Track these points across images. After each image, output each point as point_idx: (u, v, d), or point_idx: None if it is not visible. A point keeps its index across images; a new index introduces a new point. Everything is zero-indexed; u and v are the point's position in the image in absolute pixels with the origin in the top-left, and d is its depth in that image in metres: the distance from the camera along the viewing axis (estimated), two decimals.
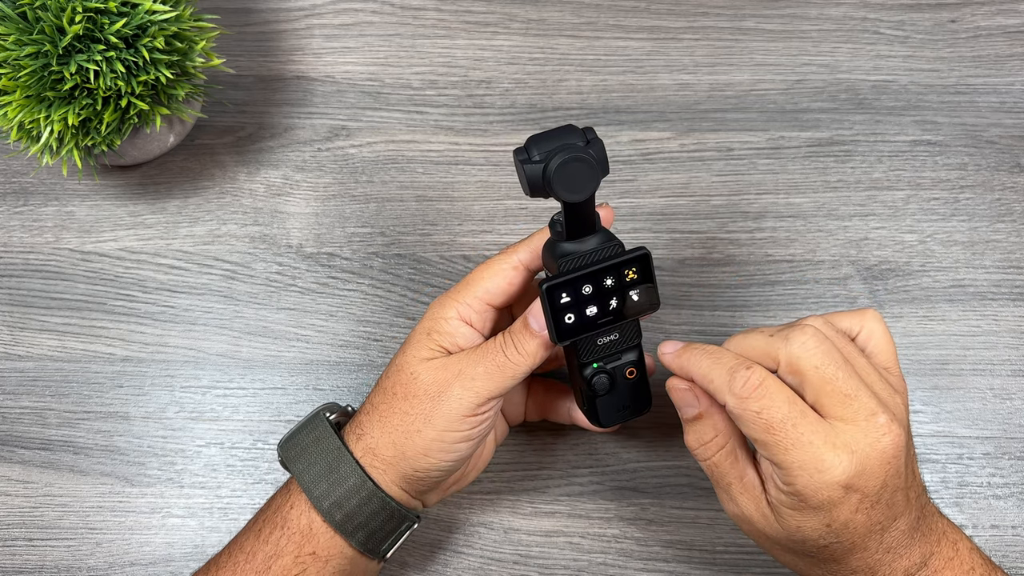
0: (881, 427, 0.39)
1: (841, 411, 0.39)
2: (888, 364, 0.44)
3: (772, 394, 0.39)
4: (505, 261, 0.45)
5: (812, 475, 0.38)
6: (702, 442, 0.43)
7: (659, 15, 0.66)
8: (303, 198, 0.62)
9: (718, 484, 0.44)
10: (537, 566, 0.53)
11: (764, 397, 0.39)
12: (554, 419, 0.53)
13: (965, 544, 0.43)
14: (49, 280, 0.60)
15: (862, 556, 0.40)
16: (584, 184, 0.41)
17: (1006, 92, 0.64)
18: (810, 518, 0.39)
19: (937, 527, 0.43)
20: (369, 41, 0.66)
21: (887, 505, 0.40)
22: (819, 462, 0.38)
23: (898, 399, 0.41)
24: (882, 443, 0.39)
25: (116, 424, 0.56)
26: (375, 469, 0.45)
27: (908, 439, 0.41)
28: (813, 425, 0.39)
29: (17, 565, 0.54)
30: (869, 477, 0.39)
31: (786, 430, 0.39)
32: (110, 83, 0.51)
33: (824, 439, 0.38)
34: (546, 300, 0.42)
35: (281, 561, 0.44)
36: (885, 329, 0.44)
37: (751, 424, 0.39)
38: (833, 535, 0.40)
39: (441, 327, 0.45)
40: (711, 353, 0.42)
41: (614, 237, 0.43)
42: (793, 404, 0.39)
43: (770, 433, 0.39)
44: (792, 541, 0.41)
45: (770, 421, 0.39)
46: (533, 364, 0.44)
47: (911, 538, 0.41)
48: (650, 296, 0.44)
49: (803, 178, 0.62)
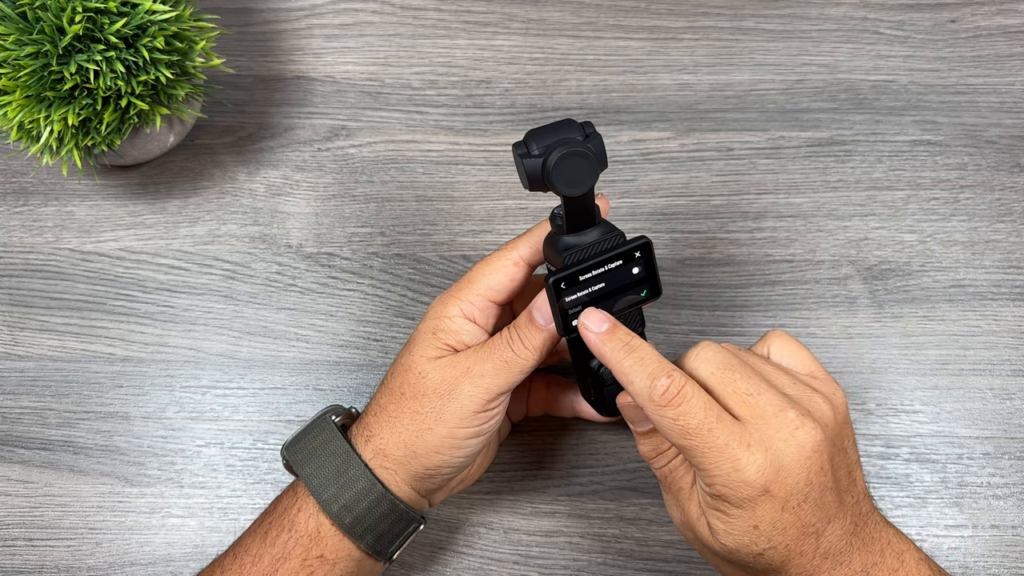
0: (792, 421, 0.39)
1: (746, 410, 0.40)
2: (811, 370, 0.44)
3: (689, 400, 0.39)
4: (506, 257, 0.45)
5: (729, 474, 0.39)
6: (659, 451, 0.44)
7: (659, 15, 0.66)
8: (303, 198, 0.62)
9: (669, 490, 0.44)
10: (537, 566, 0.53)
11: (681, 404, 0.39)
12: (557, 413, 0.53)
13: (912, 555, 0.42)
14: (49, 280, 0.60)
15: (799, 563, 0.40)
16: (583, 178, 0.41)
17: (1006, 92, 0.64)
18: (736, 521, 0.39)
19: (881, 537, 0.42)
20: (369, 41, 0.66)
21: (816, 504, 0.39)
22: (735, 461, 0.38)
23: (817, 398, 0.41)
24: (796, 437, 0.39)
25: (116, 424, 0.56)
26: (385, 470, 0.45)
27: (840, 439, 0.41)
28: (728, 427, 0.39)
29: (17, 565, 0.53)
30: (789, 473, 0.39)
31: (702, 435, 0.39)
32: (110, 83, 0.51)
33: (739, 440, 0.39)
34: (553, 294, 0.42)
35: (288, 564, 0.44)
36: (793, 341, 0.45)
37: (668, 430, 0.40)
38: (765, 539, 0.39)
39: (446, 325, 0.45)
40: (633, 349, 0.41)
41: (615, 228, 0.44)
42: (709, 410, 0.39)
43: (687, 438, 0.39)
44: (727, 551, 0.41)
45: (686, 427, 0.39)
46: (540, 358, 0.44)
47: (850, 544, 0.41)
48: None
49: (803, 178, 0.62)
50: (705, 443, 0.39)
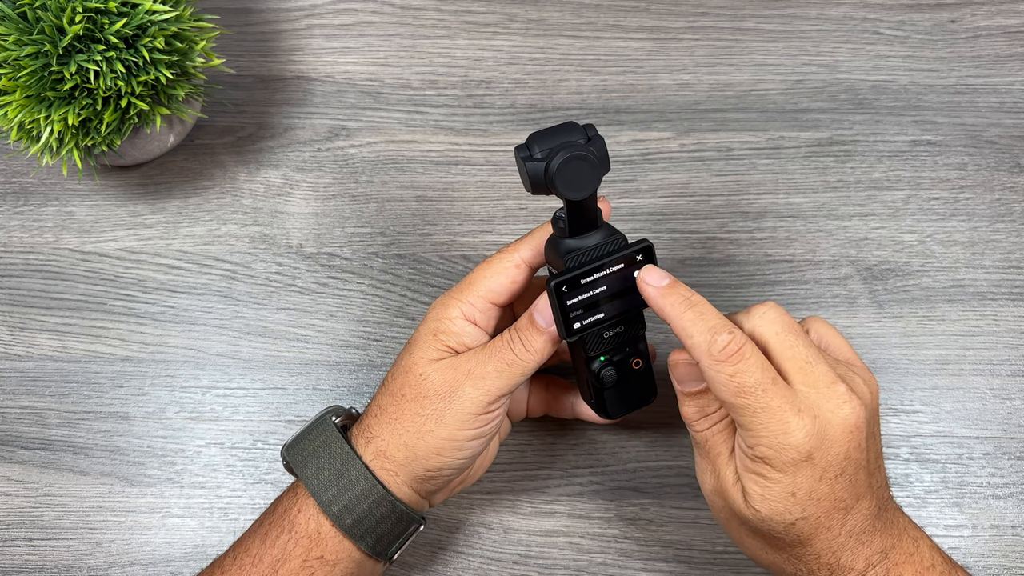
0: (841, 395, 0.40)
1: (802, 376, 0.40)
2: (847, 357, 0.45)
3: (747, 358, 0.40)
4: (507, 259, 0.45)
5: (777, 437, 0.39)
6: (704, 413, 0.44)
7: (659, 15, 0.66)
8: (303, 198, 0.62)
9: (706, 455, 0.44)
10: (537, 566, 0.53)
11: (740, 361, 0.40)
12: (557, 414, 0.53)
13: (925, 542, 0.43)
14: (49, 280, 0.60)
15: (826, 537, 0.41)
16: (586, 182, 0.41)
17: (1006, 92, 0.64)
18: (775, 486, 0.40)
19: (899, 522, 0.43)
20: (369, 41, 0.66)
21: (850, 480, 0.40)
22: (784, 424, 0.39)
23: (858, 380, 0.42)
24: (843, 411, 0.40)
25: (116, 424, 0.56)
26: (386, 471, 0.45)
27: (873, 423, 0.42)
28: (782, 391, 0.40)
29: (17, 565, 0.54)
30: (832, 443, 0.39)
31: (756, 394, 0.39)
32: (110, 83, 0.51)
33: (790, 404, 0.39)
34: (554, 297, 0.42)
35: (288, 565, 0.44)
36: (832, 328, 0.46)
37: (723, 386, 0.40)
38: (799, 508, 0.40)
39: (447, 327, 0.45)
40: (693, 304, 0.42)
41: (616, 231, 0.44)
42: (765, 371, 0.40)
43: (741, 396, 0.39)
44: (759, 518, 0.41)
45: (742, 384, 0.39)
46: (541, 360, 0.44)
47: (873, 526, 0.42)
48: None
49: (803, 178, 0.62)
50: (758, 403, 0.39)
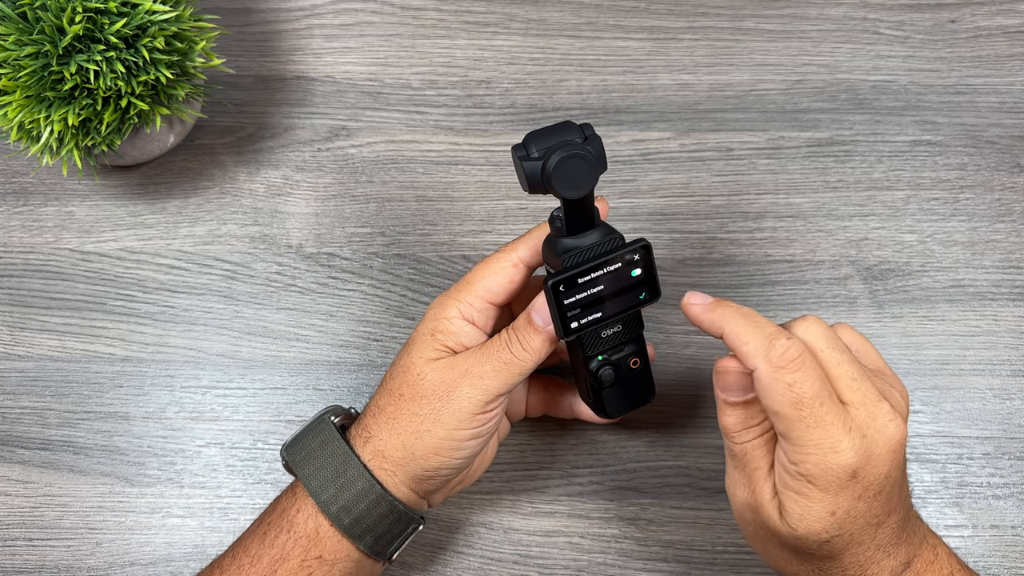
0: (887, 413, 0.39)
1: (850, 395, 0.39)
2: (879, 367, 0.44)
3: (808, 368, 0.38)
4: (505, 259, 0.45)
5: (826, 455, 0.38)
6: (746, 425, 0.42)
7: (659, 15, 0.66)
8: (303, 198, 0.62)
9: (743, 468, 0.42)
10: (537, 566, 0.53)
11: (799, 370, 0.38)
12: (555, 414, 0.53)
13: (944, 549, 0.43)
14: (49, 280, 0.60)
15: (857, 552, 0.40)
16: (583, 181, 0.41)
17: (1006, 92, 0.64)
18: (815, 505, 0.39)
19: (919, 530, 0.43)
20: (369, 41, 0.66)
21: (887, 498, 0.40)
22: (835, 442, 0.38)
23: (895, 394, 0.41)
24: (888, 430, 0.39)
25: (116, 424, 0.56)
26: (384, 471, 0.45)
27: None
28: (836, 407, 0.38)
29: (17, 565, 0.54)
30: (876, 464, 0.39)
31: (813, 407, 0.38)
32: (110, 83, 0.51)
33: (843, 422, 0.38)
34: (552, 297, 0.42)
35: (287, 565, 0.44)
36: (861, 335, 0.45)
37: (779, 395, 0.38)
38: (836, 526, 0.39)
39: (444, 327, 0.45)
40: (747, 315, 0.41)
41: (614, 230, 0.43)
42: (824, 383, 0.38)
43: (796, 408, 0.38)
44: (794, 536, 0.40)
45: (800, 395, 0.38)
46: (539, 360, 0.44)
47: (899, 537, 0.41)
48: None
49: (803, 178, 0.62)
50: (814, 416, 0.38)
